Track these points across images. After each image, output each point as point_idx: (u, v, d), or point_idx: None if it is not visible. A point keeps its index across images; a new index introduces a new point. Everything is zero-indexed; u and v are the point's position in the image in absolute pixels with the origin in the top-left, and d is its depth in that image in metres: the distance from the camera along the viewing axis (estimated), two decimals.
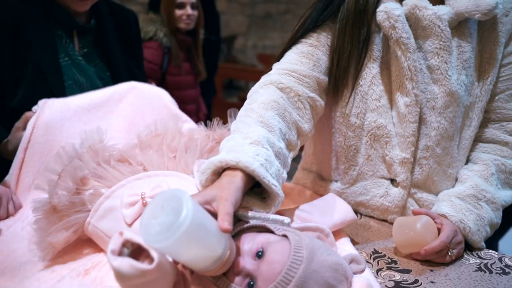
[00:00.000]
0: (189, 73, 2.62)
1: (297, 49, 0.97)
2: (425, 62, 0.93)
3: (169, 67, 2.52)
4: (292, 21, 6.61)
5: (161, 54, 2.47)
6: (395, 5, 0.91)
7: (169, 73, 2.53)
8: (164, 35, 2.47)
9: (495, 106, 0.99)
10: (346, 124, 0.99)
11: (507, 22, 0.95)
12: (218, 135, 0.95)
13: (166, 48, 2.49)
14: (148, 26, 2.47)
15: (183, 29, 2.52)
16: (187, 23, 2.50)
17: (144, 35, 2.43)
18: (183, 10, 2.49)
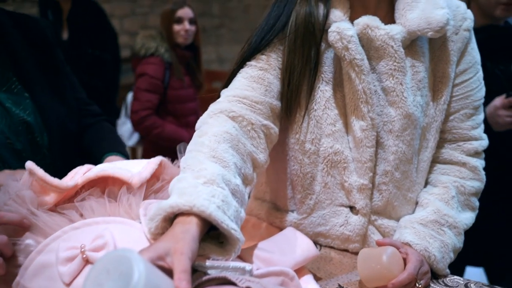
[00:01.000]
0: (190, 87, 2.68)
1: (246, 73, 0.90)
2: (380, 84, 0.90)
3: (171, 81, 2.59)
4: (227, 35, 6.63)
5: (163, 69, 2.56)
6: (347, 25, 0.87)
7: (171, 87, 2.59)
8: (165, 51, 2.57)
9: (451, 126, 0.97)
10: (301, 151, 0.94)
11: (457, 40, 0.93)
12: (168, 173, 0.86)
13: (167, 63, 2.57)
14: (149, 43, 2.58)
15: (181, 43, 2.60)
16: (185, 38, 2.58)
17: (146, 51, 2.57)
18: (181, 25, 2.57)
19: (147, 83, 2.53)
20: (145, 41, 2.59)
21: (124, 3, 5.60)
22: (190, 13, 2.60)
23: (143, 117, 2.53)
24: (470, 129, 0.97)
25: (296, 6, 0.90)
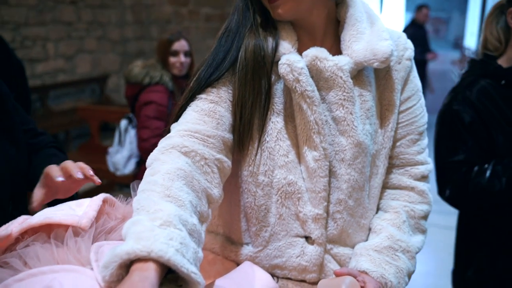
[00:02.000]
0: None
1: (197, 106, 0.89)
2: (330, 114, 0.91)
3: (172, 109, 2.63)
4: None
5: (167, 97, 2.64)
6: (297, 57, 0.89)
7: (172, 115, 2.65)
8: (169, 79, 2.66)
9: (398, 151, 1.00)
10: (255, 183, 0.93)
11: (400, 69, 0.97)
12: (120, 213, 0.82)
13: (171, 92, 2.66)
14: (153, 72, 2.65)
15: (176, 75, 2.70)
16: (179, 70, 2.67)
17: (151, 80, 2.63)
18: (176, 58, 2.66)
19: (155, 111, 2.58)
20: (149, 70, 2.66)
21: (60, 26, 5.44)
22: (185, 46, 2.68)
23: (154, 144, 2.50)
24: (416, 154, 1.01)
25: (245, 40, 0.90)
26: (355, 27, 0.92)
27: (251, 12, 0.91)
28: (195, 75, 0.92)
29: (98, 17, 6.01)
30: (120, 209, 0.85)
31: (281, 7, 0.88)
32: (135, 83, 2.70)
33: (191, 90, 0.90)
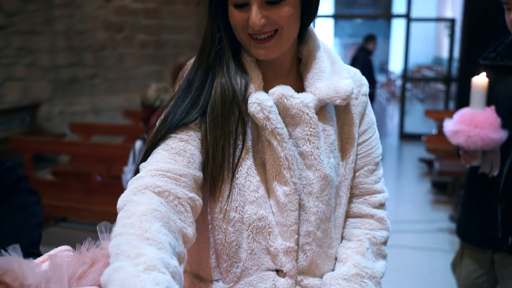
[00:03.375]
0: None
1: (167, 145, 0.88)
2: (297, 149, 0.94)
3: None
4: (101, 85, 6.42)
5: None
6: (266, 96, 0.91)
7: None
8: None
9: (357, 181, 1.05)
10: (225, 220, 0.93)
11: (358, 104, 1.03)
12: (89, 257, 0.79)
13: None
14: (164, 95, 2.76)
15: None
16: None
17: (161, 103, 2.74)
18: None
19: None
20: (160, 93, 2.78)
21: None
22: None
23: None
24: (373, 183, 1.06)
25: (215, 81, 0.92)
26: (317, 66, 0.97)
27: (224, 49, 0.93)
28: (164, 117, 0.92)
29: (28, 43, 5.78)
30: (87, 253, 0.82)
31: (267, 49, 0.91)
32: (148, 106, 2.80)
33: (158, 133, 0.90)
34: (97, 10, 6.28)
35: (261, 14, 0.87)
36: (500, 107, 1.82)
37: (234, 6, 0.89)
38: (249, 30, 0.90)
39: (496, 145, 1.77)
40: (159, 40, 6.81)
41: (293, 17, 0.90)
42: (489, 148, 1.78)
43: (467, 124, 1.77)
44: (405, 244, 3.79)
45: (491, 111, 1.79)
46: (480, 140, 1.74)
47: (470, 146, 1.77)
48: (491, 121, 1.75)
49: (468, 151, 1.82)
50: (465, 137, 1.77)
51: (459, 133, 1.79)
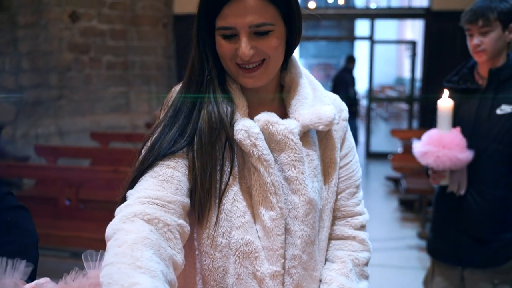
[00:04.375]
0: None
1: (154, 172, 0.89)
2: (282, 174, 0.96)
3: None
4: (67, 106, 6.30)
5: None
6: (252, 123, 0.93)
7: None
8: None
9: (339, 204, 1.08)
10: (212, 245, 0.94)
11: (339, 129, 1.06)
12: (75, 287, 0.78)
13: None
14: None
15: None
16: None
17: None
18: None
19: None
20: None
21: None
22: None
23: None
24: (355, 206, 1.09)
25: (202, 110, 0.93)
26: (300, 93, 1.00)
27: (212, 78, 0.95)
28: (150, 145, 0.92)
29: None
30: (73, 283, 0.81)
31: (255, 78, 0.93)
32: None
33: (145, 161, 0.90)
34: (63, 31, 6.19)
35: (250, 45, 0.90)
36: (465, 128, 1.90)
37: (222, 36, 0.92)
38: (237, 60, 0.92)
39: (463, 165, 1.85)
40: (126, 61, 6.77)
41: (280, 47, 0.93)
42: (457, 168, 1.86)
43: (435, 145, 1.84)
44: (375, 262, 3.83)
45: (457, 132, 1.87)
46: (448, 160, 1.81)
47: (438, 166, 1.85)
48: (458, 142, 1.82)
49: (437, 171, 1.90)
50: (433, 157, 1.84)
51: (428, 154, 1.86)
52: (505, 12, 1.79)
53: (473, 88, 1.93)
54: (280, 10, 0.91)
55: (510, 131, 1.83)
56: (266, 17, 0.89)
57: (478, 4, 1.83)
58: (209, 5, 0.91)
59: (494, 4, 1.80)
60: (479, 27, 1.82)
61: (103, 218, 3.15)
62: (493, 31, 1.81)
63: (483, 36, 1.82)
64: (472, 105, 1.93)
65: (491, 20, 1.79)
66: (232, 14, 0.89)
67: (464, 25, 1.88)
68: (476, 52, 1.86)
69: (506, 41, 1.84)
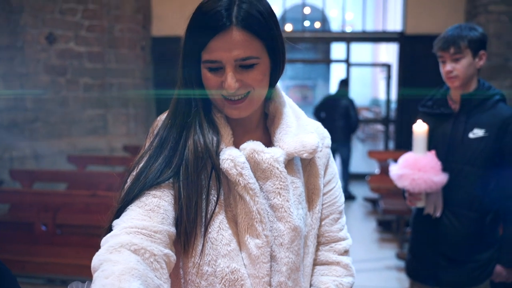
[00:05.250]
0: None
1: (140, 201, 0.89)
2: (268, 202, 0.98)
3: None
4: (42, 129, 6.22)
5: None
6: (238, 152, 0.95)
7: None
8: None
9: (323, 230, 1.10)
10: (198, 274, 0.94)
11: (322, 156, 1.09)
12: None
13: None
14: None
15: None
16: None
17: None
18: None
19: None
20: None
21: None
22: None
23: None
24: (338, 231, 1.11)
25: (188, 140, 0.95)
26: (284, 121, 1.02)
27: (198, 109, 0.97)
28: (136, 175, 0.93)
29: None
30: None
31: (240, 109, 0.95)
32: None
33: (131, 192, 0.90)
34: (39, 53, 6.14)
35: (236, 78, 0.92)
36: (440, 152, 1.96)
37: (208, 69, 0.94)
38: (223, 92, 0.94)
39: (438, 187, 1.90)
40: (104, 83, 6.74)
41: (264, 79, 0.96)
42: (432, 190, 1.91)
43: (410, 168, 1.89)
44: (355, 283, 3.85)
45: (432, 155, 1.92)
46: (423, 183, 1.86)
47: (414, 189, 1.90)
48: (433, 165, 1.88)
49: (413, 194, 1.94)
50: (409, 180, 1.89)
51: (404, 176, 1.91)
52: (475, 40, 1.88)
53: (446, 112, 2.00)
54: (265, 43, 0.94)
55: (482, 154, 1.90)
56: (251, 50, 0.91)
57: (450, 32, 1.92)
58: (195, 39, 0.93)
59: (465, 33, 1.88)
60: (451, 54, 1.90)
61: (81, 243, 3.11)
62: (464, 58, 1.89)
63: (455, 62, 1.90)
64: (446, 129, 1.99)
65: (462, 48, 1.88)
66: (218, 48, 0.91)
67: (436, 52, 1.96)
68: (448, 78, 1.94)
69: (476, 68, 1.93)
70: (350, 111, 6.69)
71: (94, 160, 5.17)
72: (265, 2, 0.96)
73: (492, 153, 1.89)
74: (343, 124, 6.60)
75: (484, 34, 1.93)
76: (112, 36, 6.67)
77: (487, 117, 1.92)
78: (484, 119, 1.92)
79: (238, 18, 0.90)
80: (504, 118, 1.89)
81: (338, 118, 6.60)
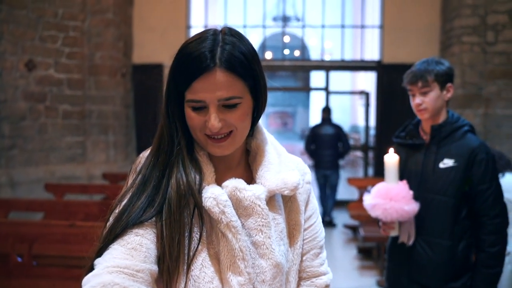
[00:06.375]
0: None
1: (122, 240, 0.89)
2: (250, 239, 0.98)
3: None
4: (19, 156, 6.14)
5: None
6: (220, 190, 0.96)
7: None
8: None
9: (304, 265, 1.11)
10: None
11: (303, 192, 1.10)
12: None
13: None
14: None
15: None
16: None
17: None
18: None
19: None
20: None
21: None
22: None
23: None
24: (319, 266, 1.12)
25: (171, 179, 0.95)
26: (266, 158, 1.04)
27: (181, 148, 0.98)
28: (118, 214, 0.93)
29: None
30: None
31: (223, 147, 0.97)
32: None
33: (113, 231, 0.91)
34: (18, 79, 6.11)
35: (219, 118, 0.94)
36: (412, 181, 2.02)
37: (192, 108, 0.95)
38: (206, 131, 0.96)
39: (409, 216, 1.95)
40: (84, 111, 6.71)
41: (247, 118, 0.98)
42: (404, 219, 1.95)
43: (382, 197, 1.94)
44: None
45: (404, 184, 1.97)
46: (395, 212, 1.91)
47: (387, 218, 1.94)
48: (404, 194, 1.93)
49: (386, 223, 1.98)
50: (381, 209, 1.94)
51: (377, 206, 1.96)
52: (441, 73, 1.96)
53: (418, 143, 2.06)
54: (247, 83, 0.96)
55: (453, 183, 1.95)
56: (234, 91, 0.94)
57: (418, 66, 2.00)
58: (179, 79, 0.95)
59: (432, 67, 1.96)
60: (419, 88, 1.97)
61: (57, 275, 3.05)
62: (432, 91, 1.97)
63: (424, 96, 1.98)
64: (418, 159, 2.05)
65: (429, 82, 1.96)
66: (202, 89, 0.92)
67: (406, 86, 2.03)
68: (418, 110, 2.01)
69: (444, 100, 2.00)
70: (341, 137, 6.83)
71: (72, 189, 5.10)
72: (247, 43, 0.98)
73: (462, 182, 1.95)
74: (332, 151, 6.74)
75: (450, 68, 2.02)
76: (92, 63, 6.68)
77: (456, 147, 1.98)
78: (454, 149, 1.98)
79: (221, 60, 0.92)
80: (472, 148, 1.96)
81: (327, 147, 6.74)
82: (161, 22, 7.20)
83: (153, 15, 7.21)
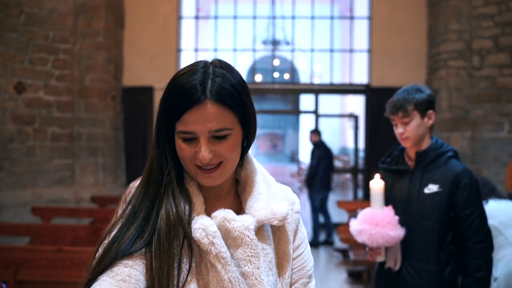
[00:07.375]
0: None
1: (111, 271, 0.89)
2: (239, 269, 0.98)
3: None
4: (6, 179, 6.08)
5: None
6: (210, 221, 0.96)
7: None
8: None
9: None
10: None
11: (291, 222, 1.10)
12: None
13: None
14: None
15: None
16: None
17: None
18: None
19: None
20: None
21: None
22: None
23: None
24: None
25: (161, 210, 0.95)
26: (255, 188, 1.05)
27: (171, 179, 0.98)
28: (108, 245, 0.92)
29: None
30: None
31: (213, 178, 0.98)
32: None
33: (102, 262, 0.90)
34: (7, 102, 6.09)
35: (209, 149, 0.95)
36: (398, 206, 2.04)
37: (182, 140, 0.96)
38: (196, 162, 0.96)
39: (395, 241, 1.96)
40: (73, 133, 6.69)
41: (237, 149, 0.99)
42: (390, 245, 1.96)
43: (368, 223, 1.96)
44: None
45: (389, 210, 1.99)
46: (381, 238, 1.92)
47: (372, 243, 1.95)
48: (389, 220, 1.95)
49: (372, 248, 1.99)
50: (368, 235, 1.95)
51: (363, 232, 1.97)
52: (420, 102, 2.00)
53: (403, 169, 2.09)
54: (237, 115, 0.97)
55: (438, 208, 1.97)
56: (224, 122, 0.95)
57: (398, 96, 2.04)
58: (170, 111, 0.96)
59: (411, 96, 2.00)
60: (400, 118, 2.01)
61: None
62: (413, 120, 2.00)
63: (405, 125, 2.02)
64: (404, 185, 2.08)
65: (409, 111, 2.00)
66: (192, 121, 0.94)
67: (388, 116, 2.07)
68: (401, 139, 2.04)
69: (427, 127, 2.03)
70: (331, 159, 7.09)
71: (60, 212, 5.05)
72: (237, 75, 1.00)
73: (446, 207, 1.97)
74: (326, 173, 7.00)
75: (430, 95, 2.05)
76: (82, 86, 6.69)
77: (440, 173, 2.01)
78: (438, 175, 2.01)
79: (212, 92, 0.93)
80: (456, 173, 1.98)
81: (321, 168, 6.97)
82: (151, 45, 7.26)
83: (144, 39, 7.28)
